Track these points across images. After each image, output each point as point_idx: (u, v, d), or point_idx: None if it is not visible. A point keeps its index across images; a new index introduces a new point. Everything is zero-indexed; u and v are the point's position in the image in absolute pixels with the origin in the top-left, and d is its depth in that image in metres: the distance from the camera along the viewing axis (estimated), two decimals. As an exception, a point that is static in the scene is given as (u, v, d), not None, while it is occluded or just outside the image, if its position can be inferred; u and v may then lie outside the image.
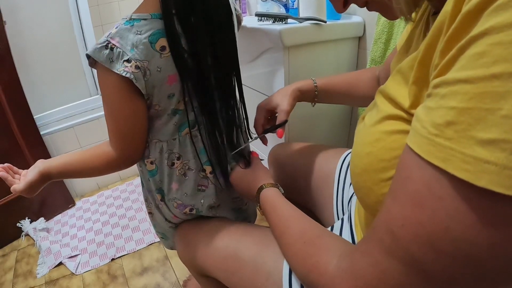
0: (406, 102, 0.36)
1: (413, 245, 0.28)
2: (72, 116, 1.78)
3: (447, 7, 0.28)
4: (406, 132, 0.36)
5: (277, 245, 0.63)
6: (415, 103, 0.35)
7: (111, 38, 0.59)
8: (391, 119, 0.38)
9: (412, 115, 0.35)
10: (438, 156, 0.25)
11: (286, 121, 0.80)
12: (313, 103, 0.88)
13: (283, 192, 0.68)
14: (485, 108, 0.23)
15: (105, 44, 0.59)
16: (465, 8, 0.25)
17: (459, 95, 0.24)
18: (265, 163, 1.17)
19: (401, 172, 0.30)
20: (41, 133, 1.65)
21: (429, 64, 0.31)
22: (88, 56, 0.61)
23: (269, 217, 0.63)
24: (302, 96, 0.84)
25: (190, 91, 0.67)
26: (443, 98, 0.26)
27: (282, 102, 0.80)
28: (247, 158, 0.80)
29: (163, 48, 0.62)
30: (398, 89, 0.38)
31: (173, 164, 0.75)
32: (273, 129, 0.82)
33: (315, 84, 0.84)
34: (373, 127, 0.41)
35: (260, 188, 0.68)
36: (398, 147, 0.37)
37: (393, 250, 0.30)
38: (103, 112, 0.67)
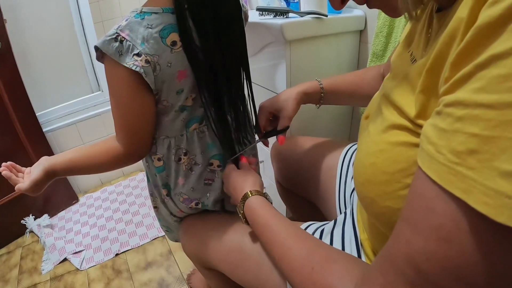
0: (412, 111, 0.35)
1: (441, 279, 0.26)
2: (74, 112, 1.78)
3: (461, 13, 0.26)
4: (411, 144, 0.35)
5: None
6: (421, 113, 0.33)
7: (120, 30, 0.58)
8: (396, 129, 0.37)
9: (417, 125, 0.34)
10: (460, 186, 0.24)
11: (287, 127, 0.80)
12: (318, 105, 0.86)
13: (271, 201, 0.65)
14: (511, 138, 0.21)
15: (114, 36, 0.57)
16: (483, 19, 0.23)
17: (481, 121, 0.22)
18: (267, 160, 1.18)
19: (420, 202, 0.28)
20: (44, 130, 1.66)
21: (438, 73, 0.30)
22: (96, 49, 0.60)
23: (261, 233, 0.58)
24: (307, 99, 0.82)
25: (203, 86, 0.66)
26: (460, 121, 0.24)
27: (286, 107, 0.78)
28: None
29: (174, 43, 0.61)
30: (405, 96, 0.37)
31: (179, 159, 0.75)
32: (274, 134, 0.81)
33: (321, 86, 0.82)
34: (377, 136, 0.41)
35: (245, 196, 0.64)
36: (402, 160, 0.36)
37: (419, 284, 0.28)
38: (105, 108, 0.67)
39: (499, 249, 0.23)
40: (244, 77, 0.75)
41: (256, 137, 0.85)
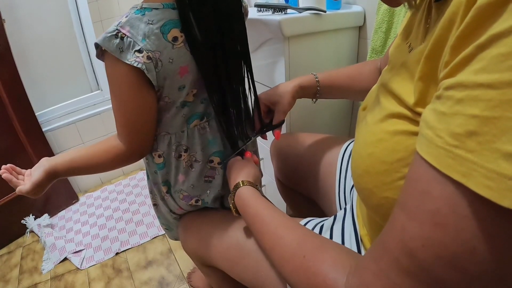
0: (410, 99, 0.34)
1: (436, 267, 0.26)
2: (73, 112, 1.78)
3: None
4: (410, 133, 0.34)
5: None
6: (420, 101, 0.33)
7: (121, 27, 0.57)
8: (394, 118, 0.37)
9: (417, 113, 0.33)
10: (459, 170, 0.23)
11: (283, 122, 0.79)
12: (314, 100, 0.85)
13: (262, 194, 0.64)
14: None
15: (115, 33, 0.57)
16: (483, 0, 0.22)
17: (481, 101, 0.22)
18: (267, 157, 1.17)
19: (416, 186, 0.27)
20: (43, 129, 1.66)
21: (438, 59, 0.29)
22: (96, 46, 0.59)
23: (252, 224, 0.57)
24: (303, 93, 0.81)
25: (208, 80, 0.66)
26: (460, 103, 0.23)
27: (282, 101, 0.77)
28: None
29: (175, 39, 0.61)
30: (403, 85, 0.36)
31: (180, 156, 0.74)
32: (270, 129, 0.80)
33: (317, 79, 0.81)
34: (375, 126, 0.40)
35: (236, 186, 0.64)
36: (401, 149, 0.35)
37: (413, 271, 0.27)
38: (104, 108, 0.67)
39: (501, 235, 0.23)
40: (246, 72, 0.74)
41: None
